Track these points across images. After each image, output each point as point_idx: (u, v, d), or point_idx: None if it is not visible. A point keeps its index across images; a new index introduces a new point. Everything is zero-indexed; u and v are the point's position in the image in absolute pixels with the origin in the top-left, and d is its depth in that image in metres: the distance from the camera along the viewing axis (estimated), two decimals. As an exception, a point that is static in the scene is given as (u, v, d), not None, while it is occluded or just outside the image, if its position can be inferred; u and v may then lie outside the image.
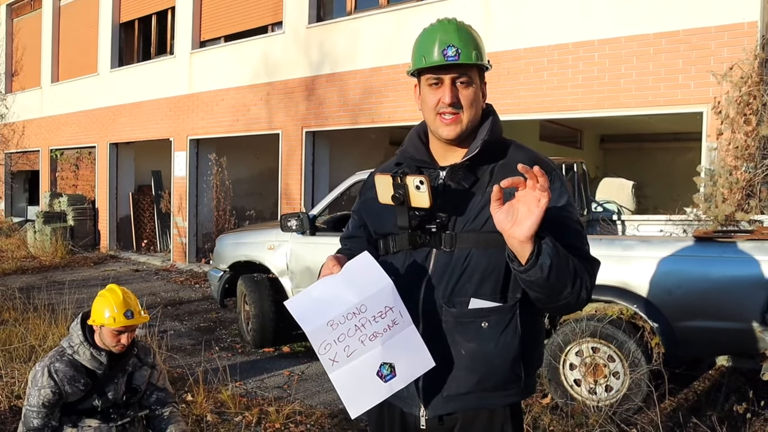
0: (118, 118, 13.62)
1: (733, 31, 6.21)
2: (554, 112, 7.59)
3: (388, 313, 1.56)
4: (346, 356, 1.56)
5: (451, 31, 1.65)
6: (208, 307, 8.15)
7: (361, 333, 1.56)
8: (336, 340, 1.56)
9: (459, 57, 1.63)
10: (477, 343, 1.65)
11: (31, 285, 9.16)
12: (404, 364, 1.58)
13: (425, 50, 1.67)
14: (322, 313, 1.57)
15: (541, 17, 7.47)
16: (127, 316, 2.75)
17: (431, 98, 1.68)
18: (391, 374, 1.57)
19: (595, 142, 14.03)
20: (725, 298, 3.95)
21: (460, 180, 1.69)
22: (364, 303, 1.56)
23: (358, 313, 1.56)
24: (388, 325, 1.56)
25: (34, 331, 5.47)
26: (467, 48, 1.64)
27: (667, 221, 5.95)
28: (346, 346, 1.56)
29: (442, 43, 1.63)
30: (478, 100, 1.71)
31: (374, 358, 1.57)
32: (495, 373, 1.66)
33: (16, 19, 17.55)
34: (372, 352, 1.57)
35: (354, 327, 1.56)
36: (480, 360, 1.65)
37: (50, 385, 2.72)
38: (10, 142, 17.11)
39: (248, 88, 10.85)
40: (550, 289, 1.53)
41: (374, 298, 1.57)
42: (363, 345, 1.56)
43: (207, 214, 11.96)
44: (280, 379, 5.26)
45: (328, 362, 1.57)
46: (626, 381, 4.20)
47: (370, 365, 1.57)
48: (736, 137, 5.80)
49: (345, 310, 1.56)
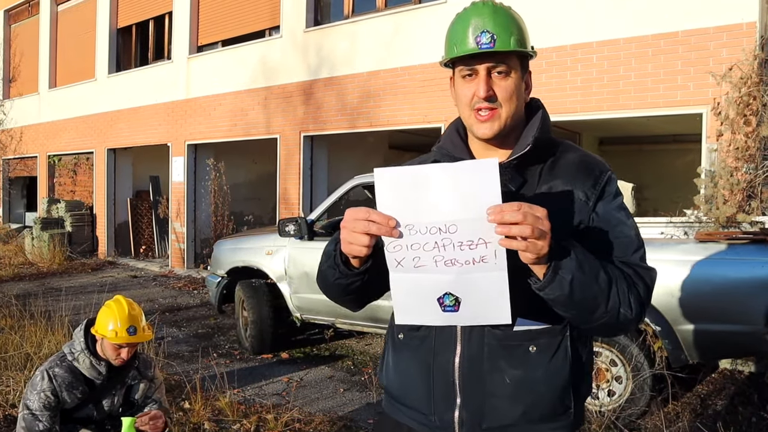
0: (115, 123, 13.58)
1: (732, 32, 6.18)
2: (553, 115, 7.48)
3: (480, 246, 1.27)
4: (413, 266, 1.32)
5: (486, 15, 1.43)
6: (206, 313, 8.10)
7: (438, 253, 1.29)
8: (408, 246, 1.30)
9: (494, 44, 1.41)
10: (524, 369, 1.46)
11: (28, 292, 9.10)
12: (472, 305, 1.34)
13: (457, 38, 1.46)
14: (405, 210, 1.29)
15: (539, 20, 7.44)
16: (129, 332, 2.71)
17: (465, 92, 1.48)
18: (452, 307, 1.35)
19: (593, 144, 14.00)
20: (728, 301, 3.90)
21: (507, 182, 1.43)
22: (456, 223, 1.27)
23: (444, 231, 1.28)
24: (473, 259, 1.28)
25: (30, 338, 5.41)
26: (505, 33, 1.42)
27: (668, 223, 5.90)
28: (417, 257, 1.31)
29: (476, 29, 1.42)
30: (520, 93, 1.50)
31: (441, 283, 1.33)
32: (542, 403, 1.47)
33: (14, 25, 17.53)
34: (442, 276, 1.32)
35: (434, 243, 1.29)
36: (526, 388, 1.46)
37: (50, 389, 2.70)
38: (7, 148, 17.08)
39: (246, 92, 10.82)
40: (576, 308, 1.34)
41: (471, 224, 1.27)
42: (435, 266, 1.30)
43: (205, 219, 11.92)
44: (278, 386, 5.21)
45: (393, 262, 1.33)
46: (629, 385, 4.15)
47: (434, 288, 1.34)
48: (737, 138, 5.77)
49: (431, 221, 1.28)
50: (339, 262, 1.44)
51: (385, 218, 1.28)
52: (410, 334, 1.57)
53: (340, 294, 1.54)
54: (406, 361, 1.57)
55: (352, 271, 1.43)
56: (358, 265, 1.42)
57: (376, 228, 1.29)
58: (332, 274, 1.47)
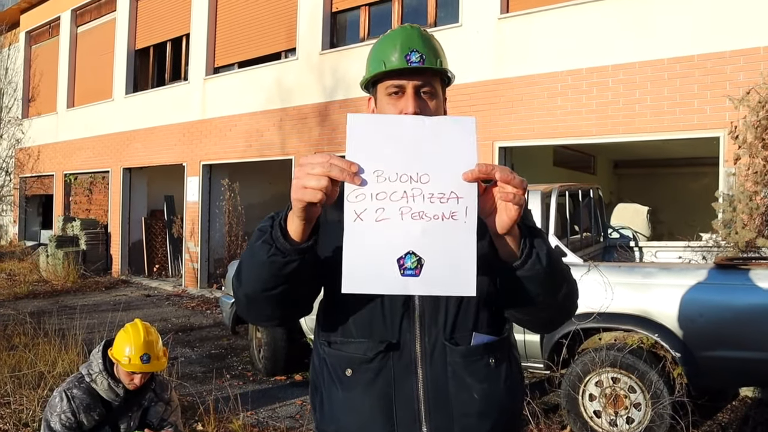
0: (131, 143, 13.72)
1: (749, 56, 6.17)
2: (569, 138, 7.54)
3: (452, 201, 1.20)
4: (375, 219, 1.20)
5: (414, 36, 1.46)
6: (219, 333, 8.08)
7: (406, 204, 1.20)
8: (373, 194, 1.20)
9: (423, 62, 1.43)
10: (489, 383, 1.43)
11: (43, 309, 9.14)
12: (435, 269, 1.20)
13: (385, 55, 1.46)
14: (376, 156, 1.21)
15: (555, 43, 7.47)
16: (143, 360, 2.70)
17: (391, 110, 1.45)
18: (413, 270, 1.20)
19: (608, 167, 13.97)
20: (750, 327, 3.84)
21: None
22: (428, 173, 1.21)
23: (416, 179, 1.20)
24: (443, 213, 1.20)
25: (43, 357, 5.41)
26: (432, 55, 1.45)
27: (686, 248, 5.85)
28: (381, 208, 1.20)
29: (405, 48, 1.44)
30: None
31: (405, 239, 1.20)
32: (505, 415, 1.46)
33: (34, 46, 17.85)
34: (406, 230, 1.20)
35: (402, 192, 1.20)
36: (493, 402, 1.44)
37: (69, 409, 2.70)
38: (25, 166, 17.29)
39: (261, 113, 10.91)
40: (551, 283, 1.32)
41: (445, 175, 1.21)
42: (401, 218, 1.20)
43: (219, 239, 11.95)
44: (292, 409, 5.17)
45: (352, 214, 1.20)
46: (648, 412, 4.08)
47: (396, 245, 1.20)
48: (755, 162, 5.71)
49: (402, 168, 1.21)
50: (278, 235, 1.25)
51: (347, 162, 1.18)
52: (362, 367, 1.42)
53: (268, 282, 1.30)
54: (360, 397, 1.42)
55: (292, 246, 1.25)
56: (300, 239, 1.25)
57: (337, 171, 1.16)
58: (266, 250, 1.26)
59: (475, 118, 1.23)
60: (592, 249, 5.91)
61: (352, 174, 1.17)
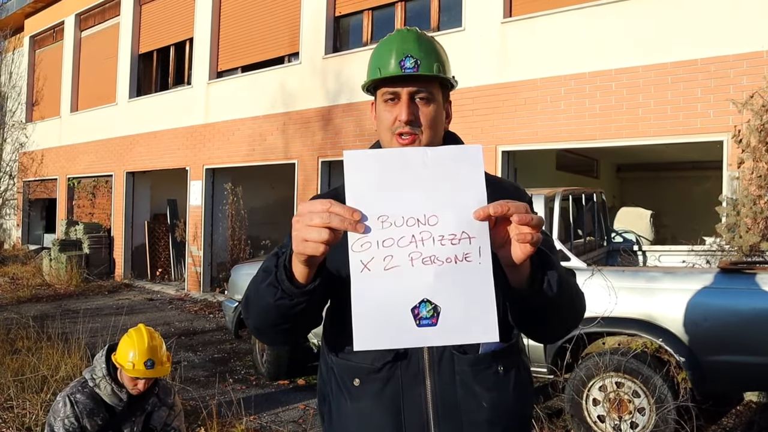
0: (135, 147, 13.75)
1: (752, 60, 6.16)
2: (572, 142, 7.54)
3: (464, 241, 1.14)
4: (384, 269, 1.13)
5: (410, 41, 1.46)
6: (222, 337, 8.08)
7: (415, 249, 1.13)
8: (380, 242, 1.12)
9: (418, 68, 1.43)
10: (497, 391, 1.42)
11: (46, 313, 9.14)
12: (453, 316, 1.14)
13: (381, 61, 1.47)
14: (379, 199, 1.14)
15: (558, 47, 7.47)
16: (147, 365, 2.69)
17: (387, 116, 1.47)
18: (430, 319, 1.14)
19: (611, 171, 13.96)
20: (755, 332, 3.82)
21: None
22: (436, 214, 1.14)
23: (423, 222, 1.13)
24: (455, 256, 1.13)
25: (46, 361, 5.42)
26: (428, 59, 1.45)
27: (690, 252, 5.83)
28: (389, 256, 1.12)
29: (400, 54, 1.44)
30: (441, 121, 1.50)
31: (418, 287, 1.13)
32: (515, 422, 1.46)
33: (38, 51, 17.92)
34: (418, 279, 1.13)
35: (411, 237, 1.13)
36: (503, 410, 1.43)
37: (73, 414, 2.69)
38: (28, 170, 17.33)
39: (264, 117, 10.92)
40: (560, 307, 1.31)
41: (454, 214, 1.14)
42: (411, 265, 1.13)
43: (222, 243, 11.96)
44: (295, 413, 5.16)
45: (358, 265, 1.12)
46: (652, 417, 4.07)
47: (409, 294, 1.13)
48: (759, 166, 5.71)
49: (409, 210, 1.13)
50: (283, 278, 1.24)
51: (349, 210, 1.11)
52: (370, 377, 1.41)
53: (277, 320, 1.31)
54: (369, 408, 1.42)
55: (299, 289, 1.23)
56: (305, 281, 1.23)
57: (338, 221, 1.10)
58: (272, 294, 1.25)
59: (480, 146, 1.18)
60: (595, 253, 5.90)
61: (354, 222, 1.11)
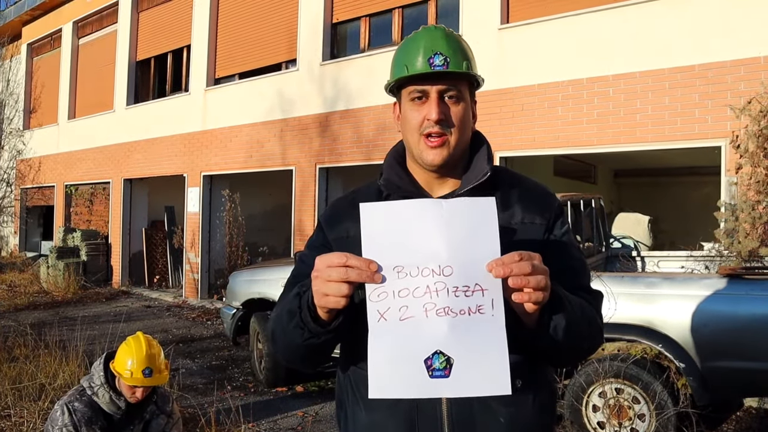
0: (132, 154, 13.74)
1: (749, 65, 6.18)
2: (569, 148, 7.55)
3: (477, 293, 1.16)
4: (399, 318, 1.16)
5: (438, 38, 1.40)
6: (220, 344, 8.05)
7: (430, 300, 1.15)
8: (396, 292, 1.16)
9: (448, 66, 1.37)
10: (515, 406, 1.37)
11: (43, 321, 9.11)
12: (465, 369, 1.15)
13: (407, 59, 1.40)
14: (395, 250, 1.17)
15: (555, 53, 7.49)
16: (145, 373, 2.68)
17: (414, 116, 1.42)
18: (442, 371, 1.15)
19: (609, 176, 13.98)
20: (755, 337, 3.81)
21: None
22: (451, 265, 1.16)
23: (438, 273, 1.16)
24: (469, 308, 1.15)
25: (44, 369, 5.39)
26: (457, 57, 1.39)
27: (689, 257, 5.84)
28: (404, 306, 1.16)
29: (428, 51, 1.38)
30: (469, 121, 1.45)
31: (432, 338, 1.15)
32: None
33: (36, 58, 17.92)
34: (432, 330, 1.16)
35: (425, 288, 1.16)
36: (521, 425, 1.39)
37: (71, 423, 2.67)
38: (26, 177, 17.31)
39: (262, 124, 10.92)
40: (566, 349, 1.32)
41: (468, 266, 1.16)
42: (425, 316, 1.15)
43: (220, 250, 11.94)
44: (293, 420, 5.13)
45: (375, 314, 1.16)
46: (652, 423, 4.05)
47: (421, 344, 1.15)
48: (757, 171, 5.72)
49: (424, 261, 1.16)
50: (308, 320, 1.27)
51: (366, 262, 1.15)
52: None
53: (307, 355, 1.37)
54: (384, 420, 1.41)
55: (324, 329, 1.27)
56: (328, 319, 1.26)
57: (356, 274, 1.15)
58: (300, 335, 1.29)
59: (494, 198, 1.20)
60: (594, 259, 5.90)
61: (371, 274, 1.15)
